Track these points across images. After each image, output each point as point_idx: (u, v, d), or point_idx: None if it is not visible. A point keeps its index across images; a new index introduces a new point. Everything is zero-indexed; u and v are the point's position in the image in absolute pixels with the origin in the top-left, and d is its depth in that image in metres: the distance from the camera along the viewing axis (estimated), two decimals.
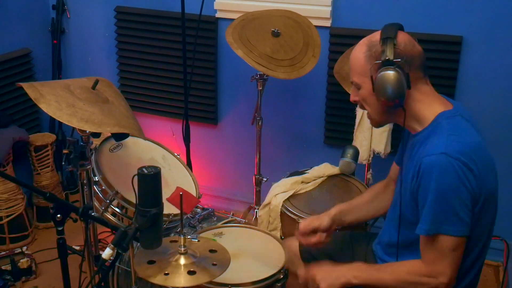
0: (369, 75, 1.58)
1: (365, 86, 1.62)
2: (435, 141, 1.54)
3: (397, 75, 1.53)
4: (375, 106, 1.64)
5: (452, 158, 1.48)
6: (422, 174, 1.52)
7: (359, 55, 1.62)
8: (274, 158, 3.16)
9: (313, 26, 2.69)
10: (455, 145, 1.50)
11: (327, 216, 1.91)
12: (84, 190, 1.96)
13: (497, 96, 2.68)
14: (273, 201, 2.40)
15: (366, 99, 1.65)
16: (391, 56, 1.54)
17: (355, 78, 1.65)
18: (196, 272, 1.59)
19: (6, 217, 2.96)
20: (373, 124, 1.74)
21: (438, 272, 1.54)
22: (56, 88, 1.82)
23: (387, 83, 1.53)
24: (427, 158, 1.51)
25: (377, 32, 1.62)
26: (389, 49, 1.55)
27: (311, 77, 2.77)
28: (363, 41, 1.64)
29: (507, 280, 2.51)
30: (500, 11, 2.55)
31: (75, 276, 1.96)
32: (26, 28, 3.31)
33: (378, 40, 1.58)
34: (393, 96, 1.54)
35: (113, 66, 3.42)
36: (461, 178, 1.48)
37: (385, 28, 1.59)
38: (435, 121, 1.60)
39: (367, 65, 1.59)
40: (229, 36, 2.49)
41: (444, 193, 1.49)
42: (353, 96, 1.71)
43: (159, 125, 3.42)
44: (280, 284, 1.86)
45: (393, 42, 1.55)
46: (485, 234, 1.63)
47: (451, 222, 1.50)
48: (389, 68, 1.53)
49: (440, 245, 1.53)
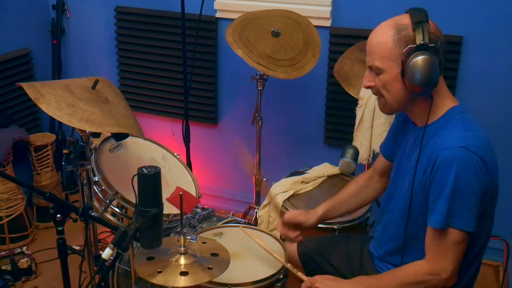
0: (399, 59, 1.53)
1: (390, 71, 1.56)
2: (451, 134, 1.52)
3: (433, 61, 1.49)
4: (396, 92, 1.58)
5: (471, 153, 1.47)
6: (439, 167, 1.50)
7: (385, 38, 1.54)
8: (274, 158, 3.16)
9: (313, 26, 2.69)
10: (474, 140, 1.50)
11: (314, 216, 1.92)
12: (84, 190, 1.96)
13: (497, 96, 2.68)
14: (273, 201, 2.40)
15: (387, 85, 1.58)
16: (426, 40, 1.49)
17: (377, 63, 1.57)
18: (196, 272, 1.59)
19: (6, 217, 2.96)
20: (386, 110, 1.66)
21: (440, 269, 1.54)
22: (56, 88, 1.82)
23: (423, 68, 1.48)
24: (445, 151, 1.49)
25: (402, 15, 1.57)
26: (425, 34, 1.49)
27: (311, 77, 2.77)
28: (387, 24, 1.57)
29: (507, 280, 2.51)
30: (500, 11, 2.55)
31: (75, 276, 1.96)
32: (26, 28, 3.31)
33: (407, 24, 1.52)
34: (427, 82, 1.49)
35: (113, 66, 3.42)
36: (477, 172, 1.48)
37: (413, 12, 1.53)
38: (447, 114, 1.58)
39: (396, 49, 1.53)
40: (229, 36, 2.49)
41: (462, 187, 1.48)
42: (368, 81, 1.64)
43: (159, 125, 3.42)
44: (280, 284, 1.86)
45: (427, 26, 1.50)
46: (485, 231, 1.63)
47: (463, 216, 1.49)
48: (425, 53, 1.49)
49: (447, 239, 1.52)
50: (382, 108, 1.67)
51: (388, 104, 1.63)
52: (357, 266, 1.92)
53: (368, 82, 1.64)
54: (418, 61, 1.49)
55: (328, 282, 1.71)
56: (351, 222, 2.23)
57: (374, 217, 2.55)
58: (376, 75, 1.60)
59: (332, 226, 2.20)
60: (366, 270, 1.87)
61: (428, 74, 1.48)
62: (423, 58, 1.48)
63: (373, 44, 1.59)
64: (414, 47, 1.50)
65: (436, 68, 1.49)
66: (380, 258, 1.83)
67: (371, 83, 1.63)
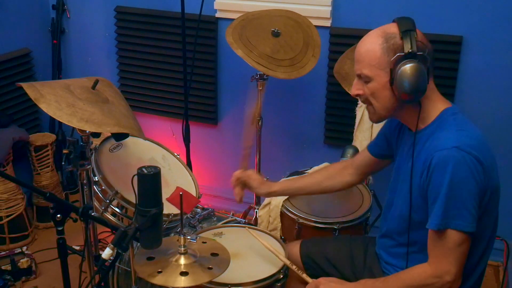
0: (387, 67, 1.55)
1: (378, 79, 1.58)
2: (444, 136, 1.53)
3: (421, 69, 1.50)
4: (385, 100, 1.60)
5: (464, 152, 1.47)
6: (434, 169, 1.50)
7: (373, 47, 1.57)
8: (274, 158, 3.16)
9: (313, 26, 2.69)
10: (466, 140, 1.50)
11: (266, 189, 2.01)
12: (84, 190, 1.96)
13: (497, 96, 2.68)
14: (273, 201, 2.40)
15: (376, 93, 1.60)
16: (414, 49, 1.51)
17: (366, 71, 1.59)
18: (196, 272, 1.59)
19: (6, 217, 2.96)
20: (374, 119, 1.68)
21: (443, 271, 1.54)
22: (56, 88, 1.82)
23: (411, 76, 1.50)
24: (439, 153, 1.50)
25: (390, 24, 1.58)
26: (412, 42, 1.51)
27: (311, 77, 2.76)
28: (375, 32, 1.59)
29: (507, 280, 2.51)
30: (500, 11, 2.55)
31: (75, 276, 1.96)
32: (26, 28, 3.31)
33: (395, 33, 1.54)
34: (415, 90, 1.51)
35: (113, 66, 3.42)
36: (472, 172, 1.48)
37: (401, 21, 1.55)
38: (440, 117, 1.59)
39: (385, 58, 1.55)
40: (229, 36, 2.49)
41: (457, 187, 1.48)
42: (356, 89, 1.66)
43: (159, 125, 3.42)
44: (280, 284, 1.86)
45: (414, 35, 1.52)
46: (488, 231, 1.62)
47: (461, 217, 1.49)
48: (413, 61, 1.51)
49: (447, 241, 1.52)
50: (371, 116, 1.68)
51: (377, 112, 1.64)
52: (361, 267, 1.91)
53: (356, 90, 1.66)
54: (406, 69, 1.51)
55: (333, 284, 1.71)
56: (351, 222, 2.23)
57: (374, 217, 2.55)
58: (365, 83, 1.62)
59: (332, 226, 2.20)
60: (372, 271, 1.86)
61: (417, 82, 1.51)
62: (411, 66, 1.51)
63: (361, 52, 1.61)
64: (403, 55, 1.52)
65: (424, 75, 1.52)
66: (387, 261, 1.82)
67: (360, 91, 1.65)
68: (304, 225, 2.24)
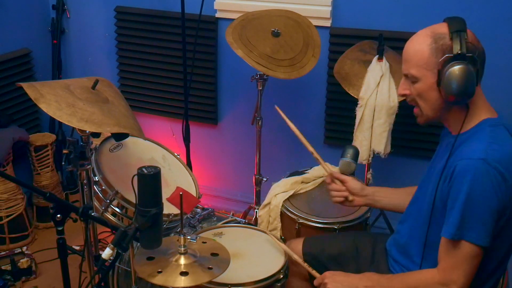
0: (435, 68, 1.52)
1: (425, 80, 1.55)
2: (475, 145, 1.50)
3: (470, 71, 1.47)
4: (432, 102, 1.57)
5: (490, 166, 1.45)
6: (456, 176, 1.48)
7: (422, 47, 1.53)
8: (274, 158, 3.16)
9: (313, 26, 2.69)
10: (496, 154, 1.47)
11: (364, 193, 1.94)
12: (84, 190, 1.96)
13: (497, 96, 2.66)
14: (273, 201, 2.40)
15: (423, 94, 1.57)
16: (464, 50, 1.48)
17: (413, 71, 1.56)
18: (196, 272, 1.59)
19: (6, 217, 2.96)
20: (422, 120, 1.64)
21: (451, 281, 1.52)
22: (56, 88, 1.82)
23: (460, 78, 1.46)
24: (463, 161, 1.48)
25: (440, 24, 1.56)
26: (462, 43, 1.48)
27: (311, 77, 2.77)
28: (424, 32, 1.56)
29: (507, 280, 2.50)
30: (500, 11, 2.55)
31: (75, 276, 1.96)
32: (26, 28, 3.31)
33: (445, 33, 1.51)
34: (463, 92, 1.48)
35: (113, 66, 3.42)
36: (495, 187, 1.45)
37: (451, 21, 1.53)
38: (479, 126, 1.56)
39: (433, 58, 1.52)
40: (229, 36, 2.49)
41: (476, 199, 1.45)
42: (403, 89, 1.63)
43: (159, 125, 3.42)
44: (280, 284, 1.86)
45: (465, 36, 1.49)
46: (505, 247, 1.59)
47: (476, 230, 1.47)
48: (462, 62, 1.47)
49: (460, 252, 1.49)
50: (419, 119, 1.65)
51: (424, 114, 1.61)
52: (367, 263, 1.90)
53: (403, 90, 1.63)
54: (455, 70, 1.47)
55: (337, 277, 1.72)
56: (351, 222, 2.24)
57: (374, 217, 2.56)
58: (412, 84, 1.60)
59: (332, 226, 2.20)
60: (378, 267, 1.85)
61: (465, 84, 1.47)
62: (460, 67, 1.47)
63: (409, 52, 1.58)
64: (451, 57, 1.49)
65: (473, 78, 1.48)
66: (396, 259, 1.81)
67: (406, 91, 1.62)
68: (304, 225, 2.24)
